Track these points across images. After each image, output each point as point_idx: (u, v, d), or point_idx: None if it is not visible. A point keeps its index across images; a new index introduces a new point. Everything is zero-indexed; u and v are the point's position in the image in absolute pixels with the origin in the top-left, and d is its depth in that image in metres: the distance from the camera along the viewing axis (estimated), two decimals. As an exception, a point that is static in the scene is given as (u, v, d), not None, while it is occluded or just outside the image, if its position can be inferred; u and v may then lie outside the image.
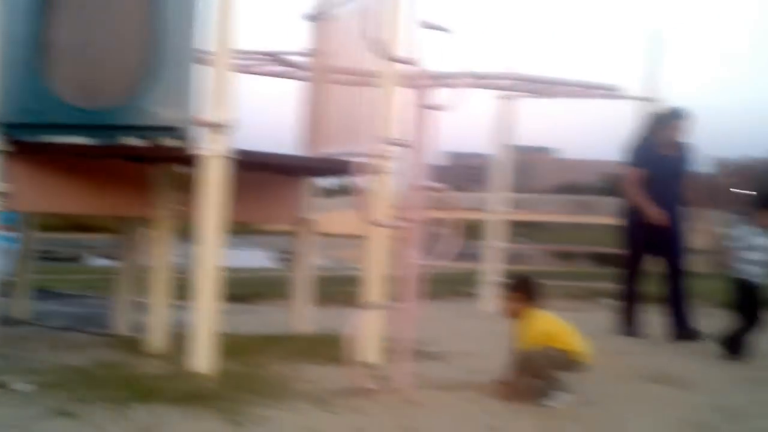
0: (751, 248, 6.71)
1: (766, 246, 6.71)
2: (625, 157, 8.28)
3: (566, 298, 10.54)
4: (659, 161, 8.01)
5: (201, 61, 5.15)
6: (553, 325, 5.24)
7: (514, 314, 5.28)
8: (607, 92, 9.74)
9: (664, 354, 7.00)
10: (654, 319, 8.02)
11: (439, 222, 5.58)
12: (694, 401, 5.28)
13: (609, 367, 6.20)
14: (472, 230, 8.52)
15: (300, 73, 7.91)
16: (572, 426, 4.58)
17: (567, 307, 8.37)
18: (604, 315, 9.18)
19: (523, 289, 5.30)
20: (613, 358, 6.61)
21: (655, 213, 7.84)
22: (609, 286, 10.49)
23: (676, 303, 7.92)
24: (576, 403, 5.00)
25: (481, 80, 9.20)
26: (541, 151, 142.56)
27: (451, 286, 11.39)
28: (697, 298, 8.17)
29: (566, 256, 37.44)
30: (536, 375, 5.07)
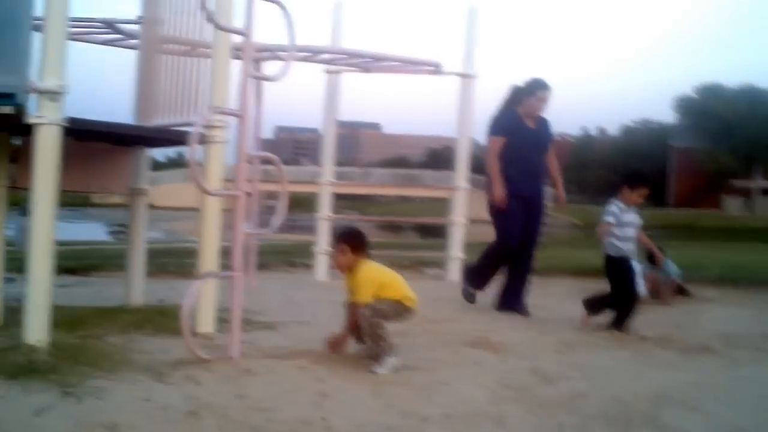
0: (622, 224, 6.86)
1: (634, 222, 6.92)
2: (489, 128, 7.96)
3: (393, 268, 10.63)
4: (524, 133, 7.78)
5: (34, 27, 4.92)
6: (383, 274, 5.34)
7: (345, 267, 5.30)
8: (431, 68, 9.85)
9: (488, 321, 7.15)
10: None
11: (269, 194, 5.56)
12: (512, 365, 5.43)
13: (435, 334, 6.34)
14: (305, 203, 8.54)
15: (134, 41, 7.68)
16: (400, 391, 4.64)
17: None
18: (430, 284, 9.37)
19: (350, 241, 5.32)
20: (439, 325, 6.75)
21: (498, 193, 7.64)
22: (434, 255, 10.72)
23: (519, 276, 7.88)
24: (403, 369, 5.07)
25: (308, 54, 9.16)
26: (370, 126, 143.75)
27: (286, 258, 11.39)
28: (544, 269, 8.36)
29: (394, 228, 38.07)
30: (371, 332, 5.12)
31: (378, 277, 5.29)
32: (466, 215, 10.45)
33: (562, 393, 4.75)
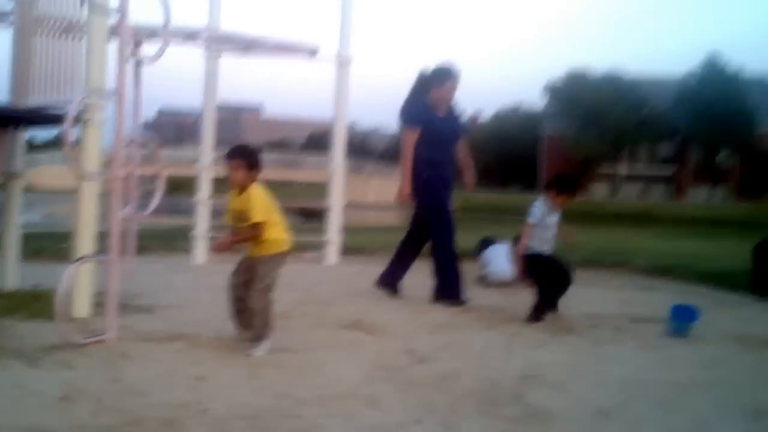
0: (543, 227, 6.84)
1: (554, 224, 6.93)
2: (402, 119, 7.65)
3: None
4: (437, 124, 7.49)
5: None
6: (270, 201, 5.16)
7: (238, 184, 5.11)
8: (307, 52, 9.81)
9: (364, 304, 7.18)
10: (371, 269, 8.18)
11: (147, 177, 5.45)
12: (386, 346, 5.46)
13: (312, 317, 6.35)
14: (188, 186, 8.40)
15: (8, 20, 7.40)
16: (276, 373, 4.63)
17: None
18: (310, 268, 9.37)
19: (243, 157, 5.13)
20: (317, 308, 6.77)
21: (406, 188, 7.41)
22: (313, 239, 10.70)
23: (409, 261, 7.83)
24: (280, 351, 5.06)
25: (186, 36, 9.01)
26: (251, 109, 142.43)
27: (166, 241, 11.19)
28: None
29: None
30: (262, 315, 5.06)
31: (269, 202, 5.14)
32: (343, 199, 10.46)
33: (434, 372, 4.80)
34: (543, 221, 6.81)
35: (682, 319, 6.31)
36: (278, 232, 5.15)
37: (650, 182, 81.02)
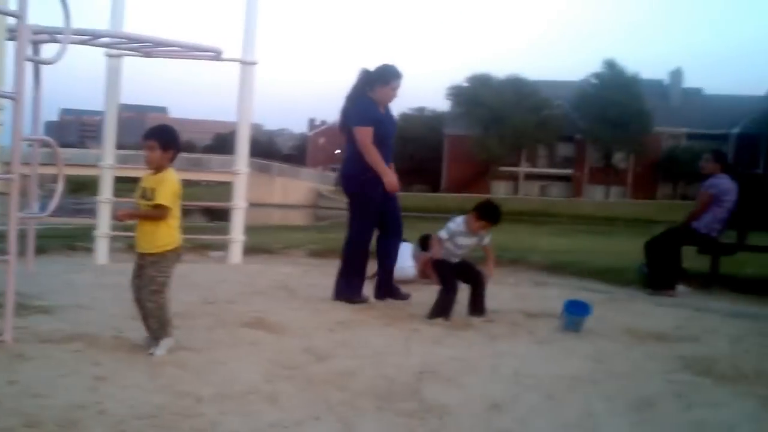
0: (456, 245, 6.84)
1: (468, 245, 6.92)
2: (355, 116, 7.40)
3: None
4: (383, 122, 7.44)
5: None
6: (179, 195, 5.07)
7: (154, 165, 5.02)
8: (211, 54, 9.73)
9: (266, 302, 7.16)
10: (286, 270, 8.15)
11: (48, 177, 5.36)
12: (286, 344, 5.46)
13: (214, 315, 6.31)
14: (91, 186, 8.27)
15: None
16: (176, 372, 4.59)
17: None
18: (214, 267, 9.30)
19: (157, 137, 5.03)
20: (219, 307, 6.74)
21: (392, 179, 7.36)
22: (218, 238, 10.64)
23: (390, 263, 7.70)
24: (181, 350, 5.02)
25: (87, 37, 8.85)
26: (157, 109, 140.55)
27: (67, 241, 10.96)
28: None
29: (182, 212, 37.41)
30: (157, 314, 5.00)
31: (179, 189, 5.04)
32: (246, 199, 10.42)
33: (333, 370, 4.82)
34: (454, 239, 6.83)
35: (574, 313, 6.46)
36: (171, 229, 5.06)
37: (549, 181, 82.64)
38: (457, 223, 6.83)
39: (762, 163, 76.25)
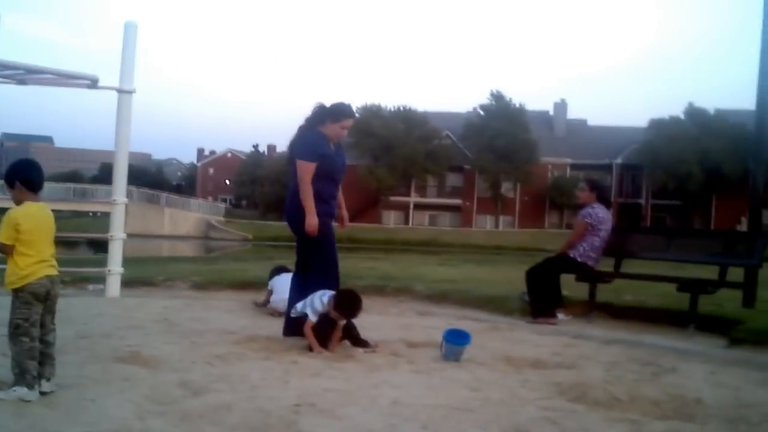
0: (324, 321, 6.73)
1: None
2: (301, 149, 7.23)
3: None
4: (332, 157, 7.29)
5: None
6: (37, 224, 4.87)
7: (15, 202, 4.91)
8: (87, 83, 9.53)
9: (142, 336, 6.99)
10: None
11: None
12: (161, 379, 5.33)
13: (87, 350, 6.14)
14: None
15: None
16: (44, 411, 4.45)
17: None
18: (91, 300, 9.05)
19: (8, 175, 4.93)
20: (92, 341, 6.56)
21: (314, 223, 7.04)
22: (96, 270, 10.38)
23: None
24: (51, 388, 4.83)
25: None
26: (42, 138, 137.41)
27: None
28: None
29: (68, 244, 36.56)
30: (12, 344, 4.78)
31: (25, 224, 4.80)
32: (132, 229, 10.21)
33: (208, 405, 4.72)
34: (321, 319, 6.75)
35: (454, 342, 6.51)
36: (18, 267, 4.82)
37: (439, 211, 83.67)
38: (323, 303, 6.74)
39: (644, 193, 78.95)
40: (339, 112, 7.30)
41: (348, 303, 6.76)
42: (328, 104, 7.36)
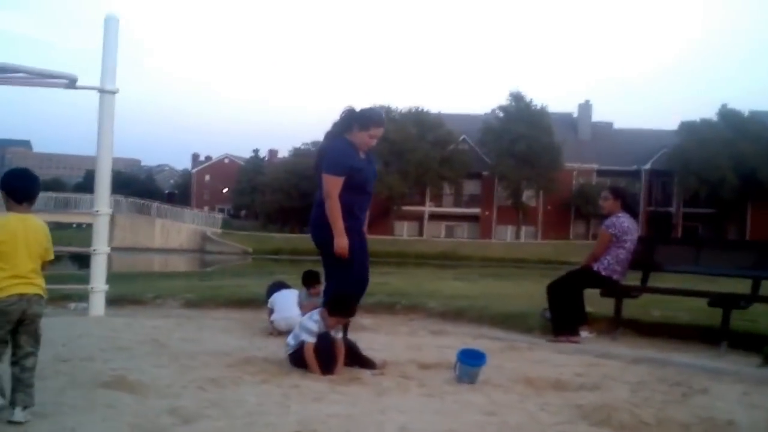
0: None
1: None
2: (325, 160, 7.19)
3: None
4: (363, 169, 7.21)
5: None
6: (11, 237, 4.86)
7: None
8: (65, 82, 9.54)
9: (129, 358, 6.97)
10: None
11: None
12: (149, 406, 5.30)
13: (68, 375, 6.12)
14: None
15: None
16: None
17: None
18: (73, 320, 9.05)
19: (5, 188, 5.00)
20: (75, 365, 6.53)
21: (343, 245, 6.98)
22: (78, 288, 10.38)
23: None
24: (29, 416, 4.82)
25: None
26: (19, 144, 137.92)
27: None
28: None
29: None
30: None
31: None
32: (111, 242, 10.20)
33: (199, 433, 4.73)
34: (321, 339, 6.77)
35: (469, 363, 6.49)
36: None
37: (456, 221, 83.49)
38: (316, 321, 6.77)
39: (674, 200, 78.67)
40: (367, 118, 7.23)
41: (341, 303, 6.80)
42: (357, 109, 7.30)
